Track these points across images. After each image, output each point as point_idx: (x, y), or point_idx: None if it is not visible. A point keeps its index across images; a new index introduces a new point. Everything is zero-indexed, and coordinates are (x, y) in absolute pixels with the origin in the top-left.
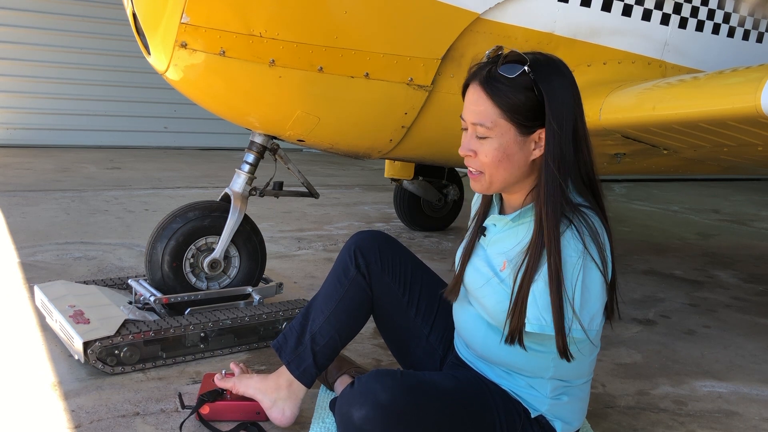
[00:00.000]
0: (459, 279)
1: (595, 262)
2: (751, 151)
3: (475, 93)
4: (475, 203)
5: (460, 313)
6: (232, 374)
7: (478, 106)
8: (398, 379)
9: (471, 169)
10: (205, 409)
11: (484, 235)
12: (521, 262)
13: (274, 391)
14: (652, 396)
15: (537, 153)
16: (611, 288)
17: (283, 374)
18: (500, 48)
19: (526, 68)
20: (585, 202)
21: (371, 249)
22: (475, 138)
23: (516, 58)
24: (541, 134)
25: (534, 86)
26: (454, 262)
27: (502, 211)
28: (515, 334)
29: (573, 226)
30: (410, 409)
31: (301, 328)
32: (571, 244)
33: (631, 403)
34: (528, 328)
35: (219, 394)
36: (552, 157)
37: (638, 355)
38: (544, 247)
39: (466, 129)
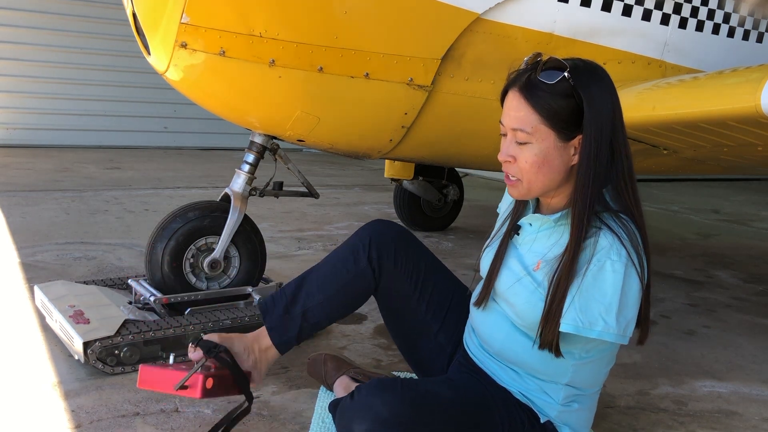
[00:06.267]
0: (491, 283)
1: (635, 268)
2: (751, 151)
3: (515, 99)
4: (505, 207)
5: (481, 310)
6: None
7: (518, 111)
8: (398, 393)
9: (509, 175)
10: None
11: (518, 234)
12: (556, 267)
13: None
14: (652, 396)
15: (576, 159)
16: (645, 299)
17: (262, 338)
18: (539, 54)
19: (566, 74)
20: (622, 209)
21: (387, 243)
22: (515, 144)
23: (556, 64)
24: (580, 140)
25: (573, 92)
26: (478, 265)
27: (537, 211)
28: (551, 339)
29: (612, 232)
30: (411, 423)
31: (293, 297)
32: (611, 249)
33: (631, 403)
34: (563, 327)
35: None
36: (587, 163)
37: (638, 355)
38: (579, 253)
39: (504, 135)
